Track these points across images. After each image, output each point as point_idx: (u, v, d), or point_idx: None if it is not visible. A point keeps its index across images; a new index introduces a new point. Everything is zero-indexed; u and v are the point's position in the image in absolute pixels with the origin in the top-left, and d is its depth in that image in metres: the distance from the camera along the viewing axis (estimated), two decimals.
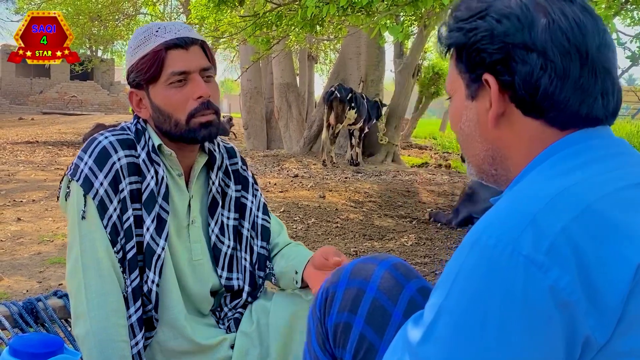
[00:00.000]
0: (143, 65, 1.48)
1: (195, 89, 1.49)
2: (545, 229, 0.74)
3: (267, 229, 1.73)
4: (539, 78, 0.85)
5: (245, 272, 1.66)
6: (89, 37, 22.92)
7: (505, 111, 0.89)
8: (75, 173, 1.46)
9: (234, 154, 1.72)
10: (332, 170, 10.38)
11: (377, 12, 3.93)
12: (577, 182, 0.80)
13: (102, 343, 1.41)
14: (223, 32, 7.93)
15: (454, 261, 0.80)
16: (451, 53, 0.96)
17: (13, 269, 4.24)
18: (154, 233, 1.49)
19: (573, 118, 0.87)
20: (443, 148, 18.09)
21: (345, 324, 1.12)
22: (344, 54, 13.03)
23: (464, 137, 0.98)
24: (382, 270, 1.14)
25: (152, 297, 1.50)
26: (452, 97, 0.99)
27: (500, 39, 0.86)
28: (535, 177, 0.85)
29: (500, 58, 0.87)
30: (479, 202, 6.04)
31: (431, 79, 17.10)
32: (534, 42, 0.85)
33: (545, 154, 0.87)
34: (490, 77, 0.88)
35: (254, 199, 1.71)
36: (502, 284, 0.73)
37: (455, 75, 0.96)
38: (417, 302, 1.10)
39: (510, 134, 0.91)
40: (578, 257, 0.73)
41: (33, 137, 15.76)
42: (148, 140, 1.52)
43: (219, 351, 1.58)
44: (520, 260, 0.73)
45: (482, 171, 0.99)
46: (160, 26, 1.51)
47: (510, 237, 0.74)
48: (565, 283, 0.72)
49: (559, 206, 0.76)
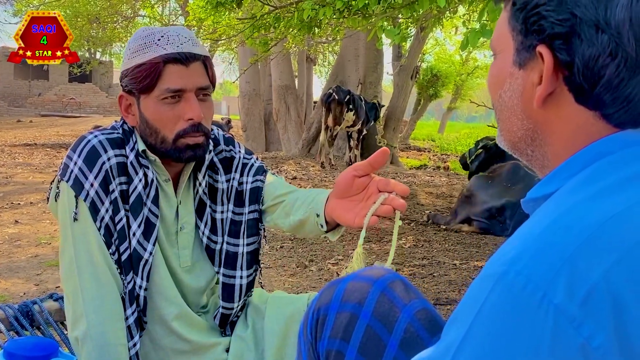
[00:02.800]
0: (138, 74, 1.41)
1: (188, 109, 1.42)
2: (583, 272, 0.63)
3: (257, 188, 1.61)
4: (605, 66, 0.71)
5: (243, 259, 1.60)
6: (87, 39, 22.88)
7: (555, 92, 0.76)
8: (65, 173, 1.43)
9: (217, 142, 1.63)
10: (330, 172, 10.38)
11: (373, 15, 3.93)
12: (626, 207, 0.67)
13: (100, 347, 1.40)
14: (221, 34, 7.93)
15: (475, 293, 0.69)
16: (506, 4, 0.81)
17: (10, 271, 4.24)
18: (140, 237, 1.46)
19: (634, 117, 0.74)
20: (441, 150, 18.10)
21: (337, 353, 1.05)
22: (342, 56, 13.04)
23: (503, 108, 0.84)
24: (377, 292, 1.06)
25: (140, 301, 1.48)
26: (497, 55, 0.85)
27: (568, 9, 0.72)
28: (576, 191, 0.72)
29: (562, 32, 0.72)
30: (477, 204, 6.04)
31: (429, 81, 17.16)
32: (608, 20, 0.70)
33: (591, 153, 0.74)
34: (546, 51, 0.74)
35: (237, 174, 1.61)
36: (528, 335, 0.64)
37: (506, 31, 0.81)
38: (414, 330, 1.02)
39: (555, 119, 0.78)
40: (617, 313, 0.62)
41: (31, 140, 15.74)
42: (135, 142, 1.48)
43: (213, 354, 1.57)
44: (550, 309, 0.63)
45: (517, 149, 0.86)
46: (163, 34, 1.42)
47: (543, 279, 0.64)
48: (599, 343, 0.62)
49: (601, 243, 0.64)
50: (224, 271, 1.59)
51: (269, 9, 5.21)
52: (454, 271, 4.46)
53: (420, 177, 10.65)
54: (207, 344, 1.57)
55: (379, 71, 12.89)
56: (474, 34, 2.92)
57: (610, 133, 0.75)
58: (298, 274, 4.35)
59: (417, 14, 4.29)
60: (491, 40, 0.87)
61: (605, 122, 0.75)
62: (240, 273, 1.60)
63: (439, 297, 3.78)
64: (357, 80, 12.28)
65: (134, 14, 20.53)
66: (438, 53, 24.01)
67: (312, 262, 4.66)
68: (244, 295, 1.60)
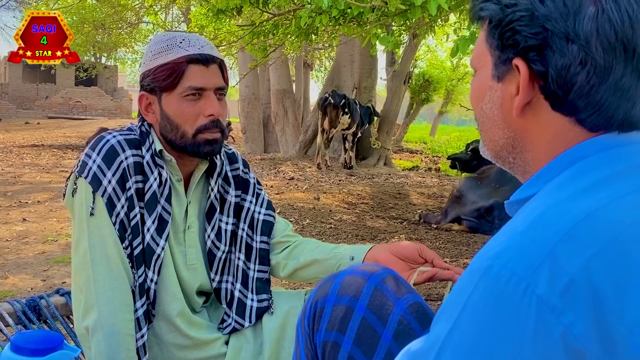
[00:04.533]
0: (162, 73, 1.45)
1: (208, 106, 1.47)
2: (563, 265, 0.64)
3: (269, 222, 1.66)
4: (576, 74, 0.73)
5: (238, 271, 1.63)
6: (93, 44, 22.87)
7: (532, 101, 0.78)
8: (83, 170, 1.44)
9: (234, 159, 1.68)
10: (326, 173, 10.38)
11: (368, 22, 3.93)
12: (602, 204, 0.69)
13: (109, 336, 1.41)
14: (222, 40, 7.92)
15: (463, 286, 0.70)
16: (482, 25, 0.83)
17: (18, 267, 4.23)
18: (154, 233, 1.48)
19: (606, 121, 0.75)
20: (433, 152, 18.12)
21: (334, 344, 1.07)
22: (338, 61, 13.04)
23: (484, 119, 0.86)
24: (371, 286, 1.08)
25: (150, 294, 1.49)
26: (477, 71, 0.87)
27: (540, 23, 0.74)
28: (556, 191, 0.74)
29: (535, 44, 0.74)
30: (467, 204, 6.06)
31: (421, 86, 17.18)
32: (576, 32, 0.72)
33: (569, 157, 0.76)
34: (521, 63, 0.76)
35: (254, 198, 1.67)
36: (512, 325, 0.65)
37: (484, 49, 0.83)
38: (406, 322, 1.05)
39: (534, 126, 0.79)
40: (596, 302, 0.63)
41: (39, 141, 15.70)
42: (152, 143, 1.50)
43: (214, 347, 1.57)
44: (533, 300, 0.64)
45: (499, 157, 0.87)
46: (184, 38, 1.48)
47: (526, 271, 0.65)
48: (579, 330, 0.63)
49: (580, 237, 0.66)
50: (240, 288, 1.61)
51: (267, 16, 5.21)
52: None
53: (413, 178, 10.66)
54: (208, 339, 1.57)
55: (373, 76, 12.90)
56: (464, 41, 2.93)
57: (587, 138, 0.76)
58: None
59: (409, 21, 4.29)
60: (471, 59, 0.89)
61: (581, 127, 0.76)
62: (251, 296, 1.61)
63: (430, 292, 3.78)
64: (352, 85, 12.28)
65: (138, 21, 20.50)
66: (430, 59, 24.04)
67: None
68: (254, 317, 1.59)
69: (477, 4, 0.83)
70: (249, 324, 1.59)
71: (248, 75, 11.71)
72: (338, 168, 11.24)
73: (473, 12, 0.84)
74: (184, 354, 1.55)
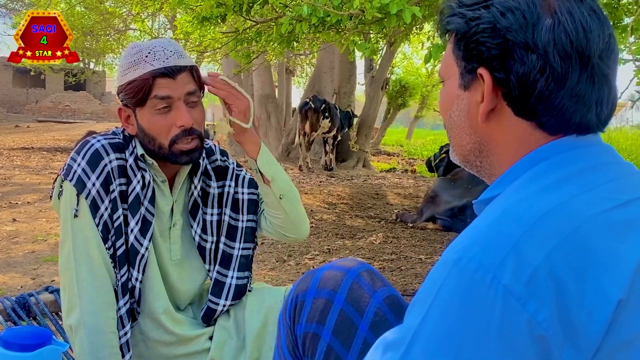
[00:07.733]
0: (131, 90, 1.43)
1: (178, 117, 1.43)
2: (527, 257, 0.66)
3: (254, 201, 1.65)
4: (536, 80, 0.75)
5: (237, 261, 1.61)
6: (82, 50, 22.60)
7: (496, 107, 0.80)
8: (69, 174, 1.43)
9: (212, 152, 1.66)
10: (307, 175, 10.38)
11: (346, 30, 3.94)
12: (563, 200, 0.71)
13: (92, 334, 1.40)
14: (207, 47, 7.88)
15: (434, 278, 0.72)
16: (449, 37, 0.85)
17: (8, 266, 4.18)
18: (138, 234, 1.47)
19: (564, 124, 0.77)
20: (409, 155, 18.21)
21: (314, 335, 1.09)
22: (319, 67, 13.05)
23: (453, 126, 0.88)
24: (349, 280, 1.10)
25: (135, 293, 1.49)
26: (445, 82, 0.88)
27: (501, 34, 0.76)
28: (520, 190, 0.76)
29: (498, 54, 0.77)
30: (441, 204, 6.09)
31: (398, 92, 17.20)
32: (535, 42, 0.74)
33: (532, 160, 0.78)
34: (485, 72, 0.78)
35: (232, 182, 1.65)
36: (480, 313, 0.66)
37: (451, 60, 0.85)
38: (382, 314, 1.07)
39: (498, 131, 0.81)
40: (558, 290, 0.65)
41: (29, 144, 15.51)
42: (135, 147, 1.49)
43: (198, 343, 1.57)
44: (499, 289, 0.65)
45: (467, 161, 0.89)
46: (150, 50, 1.44)
47: (492, 263, 0.66)
48: (543, 317, 0.65)
49: (542, 231, 0.68)
50: (218, 269, 1.60)
51: (250, 24, 5.20)
52: (420, 265, 4.49)
53: (390, 180, 10.71)
54: (192, 335, 1.57)
55: (353, 82, 12.92)
56: (437, 49, 2.94)
57: (547, 141, 0.79)
58: (277, 268, 4.34)
59: (386, 29, 4.31)
60: (439, 70, 0.91)
61: (542, 131, 0.79)
62: (232, 273, 1.61)
63: (406, 288, 3.80)
64: (333, 90, 12.29)
65: (126, 28, 20.31)
66: (406, 66, 24.13)
67: (290, 257, 4.66)
68: (231, 295, 1.59)
69: (444, 18, 0.85)
70: (224, 302, 1.58)
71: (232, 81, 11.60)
72: (319, 170, 11.25)
73: (440, 26, 0.86)
74: (169, 350, 1.55)
